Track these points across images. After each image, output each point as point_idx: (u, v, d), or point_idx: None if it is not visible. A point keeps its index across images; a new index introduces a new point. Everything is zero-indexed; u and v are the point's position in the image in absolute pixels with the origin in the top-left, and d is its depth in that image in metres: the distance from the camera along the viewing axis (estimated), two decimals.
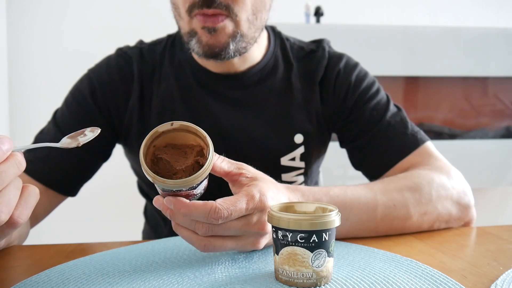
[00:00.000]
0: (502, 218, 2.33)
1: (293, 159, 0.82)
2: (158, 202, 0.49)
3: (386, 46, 1.89)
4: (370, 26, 1.95)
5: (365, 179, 0.84)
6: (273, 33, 0.88)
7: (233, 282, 0.47)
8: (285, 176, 0.83)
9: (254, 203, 0.49)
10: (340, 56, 0.86)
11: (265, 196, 0.50)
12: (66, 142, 0.45)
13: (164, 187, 0.45)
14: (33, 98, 2.00)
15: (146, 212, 1.01)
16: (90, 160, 0.81)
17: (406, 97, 2.04)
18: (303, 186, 0.63)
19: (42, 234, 0.95)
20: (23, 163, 0.42)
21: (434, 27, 2.01)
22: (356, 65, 0.86)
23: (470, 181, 0.75)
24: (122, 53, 0.85)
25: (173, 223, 0.50)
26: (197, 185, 0.46)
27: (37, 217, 0.76)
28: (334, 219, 0.46)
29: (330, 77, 0.83)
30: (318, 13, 1.93)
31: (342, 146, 0.87)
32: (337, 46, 0.91)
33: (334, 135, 0.89)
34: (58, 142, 0.45)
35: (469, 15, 2.26)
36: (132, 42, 0.89)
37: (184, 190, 0.46)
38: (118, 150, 0.89)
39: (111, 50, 0.87)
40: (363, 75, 0.85)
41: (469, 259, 0.56)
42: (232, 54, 0.74)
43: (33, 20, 2.00)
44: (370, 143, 0.80)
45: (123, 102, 0.82)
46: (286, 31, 0.91)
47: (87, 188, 0.85)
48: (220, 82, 0.82)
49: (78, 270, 0.51)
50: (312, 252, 0.45)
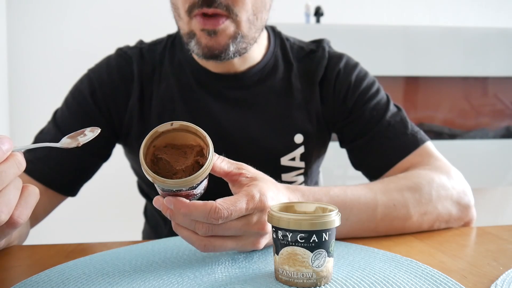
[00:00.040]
0: (502, 218, 2.33)
1: (293, 159, 0.82)
2: (158, 202, 0.49)
3: (386, 46, 1.89)
4: (370, 26, 1.95)
5: (365, 179, 0.84)
6: (273, 33, 0.88)
7: (233, 282, 0.47)
8: (285, 176, 0.83)
9: (254, 203, 0.49)
10: (340, 56, 0.86)
11: (265, 196, 0.50)
12: (66, 142, 0.45)
13: (164, 187, 0.45)
14: (33, 98, 2.00)
15: (146, 212, 1.01)
16: (90, 160, 0.81)
17: (406, 97, 2.04)
18: (303, 186, 0.63)
19: (42, 234, 0.95)
20: (23, 163, 0.42)
21: (434, 27, 2.01)
22: (356, 65, 0.86)
23: (470, 181, 0.75)
24: (122, 53, 0.85)
25: (173, 223, 0.50)
26: (197, 185, 0.46)
27: (37, 217, 0.76)
28: (334, 219, 0.46)
29: (330, 77, 0.83)
30: (318, 13, 1.93)
31: (342, 146, 0.87)
32: (337, 46, 0.91)
33: (334, 135, 0.89)
34: (58, 142, 0.45)
35: (469, 15, 2.26)
36: (132, 42, 0.89)
37: (184, 190, 0.46)
38: (118, 150, 0.89)
39: (111, 50, 0.87)
40: (363, 75, 0.85)
41: (469, 259, 0.56)
42: (232, 55, 0.74)
43: (33, 20, 2.00)
44: (370, 143, 0.80)
45: (123, 102, 0.82)
46: (286, 31, 0.91)
47: (87, 188, 0.85)
48: (220, 82, 0.82)
49: (78, 270, 0.52)
50: (312, 252, 0.45)
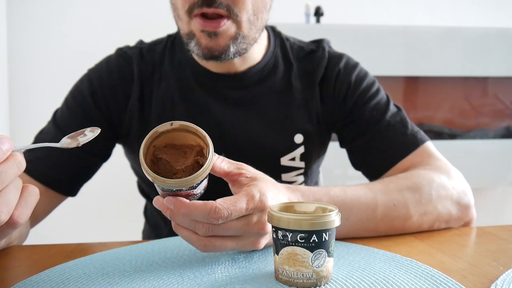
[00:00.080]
0: (502, 218, 2.33)
1: (293, 159, 0.82)
2: (158, 202, 0.49)
3: (386, 46, 1.89)
4: (370, 26, 1.95)
5: (365, 179, 0.84)
6: (273, 33, 0.88)
7: (233, 282, 0.47)
8: (285, 176, 0.83)
9: (254, 203, 0.49)
10: (340, 56, 0.86)
11: (265, 196, 0.50)
12: (66, 142, 0.45)
13: (164, 187, 0.45)
14: (33, 98, 2.00)
15: (146, 212, 1.01)
16: (90, 160, 0.81)
17: (406, 97, 2.04)
18: (303, 186, 0.63)
19: (42, 234, 0.95)
20: (23, 163, 0.42)
21: (434, 27, 2.00)
22: (356, 65, 0.86)
23: (470, 181, 0.75)
24: (122, 53, 0.85)
25: (173, 223, 0.50)
26: (197, 185, 0.46)
27: (37, 217, 0.76)
28: (334, 219, 0.46)
29: (330, 77, 0.83)
30: (318, 13, 1.93)
31: (342, 146, 0.87)
32: (337, 46, 0.91)
33: (334, 135, 0.89)
34: (58, 142, 0.45)
35: (469, 15, 2.26)
36: (132, 42, 0.89)
37: (184, 190, 0.46)
38: (118, 150, 0.89)
39: (111, 50, 0.87)
40: (363, 75, 0.85)
41: (469, 259, 0.56)
42: (232, 56, 0.74)
43: (33, 20, 2.00)
44: (370, 143, 0.80)
45: (123, 102, 0.82)
46: (286, 31, 0.91)
47: (87, 188, 0.85)
48: (220, 82, 0.82)
49: (78, 270, 0.51)
50: (312, 252, 0.45)
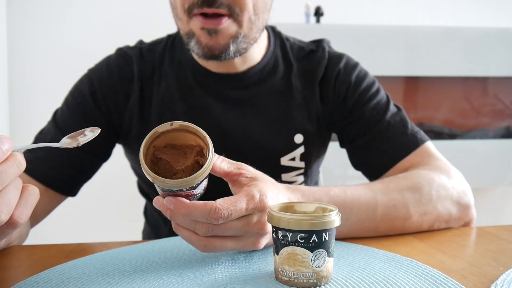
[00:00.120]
0: (502, 218, 2.33)
1: (293, 159, 0.82)
2: (158, 203, 0.49)
3: (386, 46, 1.89)
4: (370, 26, 1.95)
5: (365, 179, 0.84)
6: (273, 33, 0.88)
7: (233, 282, 0.47)
8: (285, 176, 0.83)
9: (254, 203, 0.49)
10: (340, 56, 0.86)
11: (265, 196, 0.50)
12: (66, 142, 0.45)
13: (164, 187, 0.45)
14: (33, 98, 2.00)
15: (146, 212, 1.01)
16: (90, 160, 0.81)
17: (406, 97, 2.04)
18: (303, 186, 0.63)
19: (42, 234, 0.95)
20: (23, 163, 0.42)
21: (434, 27, 2.00)
22: (356, 65, 0.86)
23: (470, 181, 0.75)
24: (122, 53, 0.85)
25: (173, 223, 0.50)
26: (197, 185, 0.46)
27: (37, 217, 0.76)
28: (334, 219, 0.46)
29: (330, 77, 0.83)
30: (318, 13, 1.93)
31: (342, 146, 0.87)
32: (337, 46, 0.91)
33: (334, 135, 0.89)
34: (58, 142, 0.45)
35: (469, 15, 2.26)
36: (132, 42, 0.89)
37: (184, 190, 0.46)
38: (118, 150, 0.89)
39: (112, 50, 0.87)
40: (363, 75, 0.85)
41: (469, 259, 0.56)
42: (232, 55, 0.74)
43: (33, 20, 2.00)
44: (370, 143, 0.80)
45: (123, 102, 0.82)
46: (286, 31, 0.91)
47: (87, 188, 0.85)
48: (220, 82, 0.82)
49: (78, 270, 0.51)
50: (312, 252, 0.45)
